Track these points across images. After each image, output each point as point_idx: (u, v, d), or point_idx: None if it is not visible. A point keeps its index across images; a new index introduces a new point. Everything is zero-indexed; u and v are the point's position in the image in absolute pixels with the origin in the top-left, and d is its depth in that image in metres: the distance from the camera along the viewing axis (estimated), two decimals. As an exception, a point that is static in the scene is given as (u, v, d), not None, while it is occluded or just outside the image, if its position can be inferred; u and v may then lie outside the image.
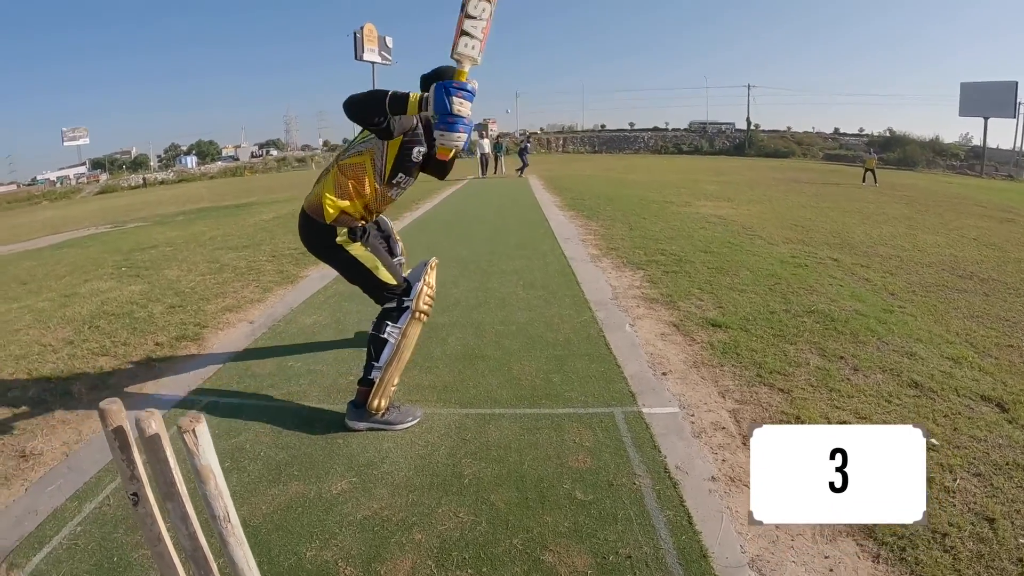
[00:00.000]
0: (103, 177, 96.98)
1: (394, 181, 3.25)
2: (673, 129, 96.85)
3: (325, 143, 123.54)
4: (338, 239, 3.25)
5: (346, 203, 3.18)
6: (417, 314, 3.27)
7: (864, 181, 25.59)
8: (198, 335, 5.02)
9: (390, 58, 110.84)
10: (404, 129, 3.07)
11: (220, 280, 7.10)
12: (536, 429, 3.18)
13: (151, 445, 1.40)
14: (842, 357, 4.12)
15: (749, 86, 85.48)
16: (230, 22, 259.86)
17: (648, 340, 4.49)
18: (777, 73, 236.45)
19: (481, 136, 27.02)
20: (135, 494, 1.47)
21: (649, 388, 3.67)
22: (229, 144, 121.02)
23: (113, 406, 1.42)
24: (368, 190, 3.18)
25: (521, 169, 27.34)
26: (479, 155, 29.49)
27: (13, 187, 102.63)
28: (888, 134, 74.11)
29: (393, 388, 3.29)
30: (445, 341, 4.49)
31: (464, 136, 2.70)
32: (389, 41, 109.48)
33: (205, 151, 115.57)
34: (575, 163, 45.30)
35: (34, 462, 3.29)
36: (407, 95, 2.73)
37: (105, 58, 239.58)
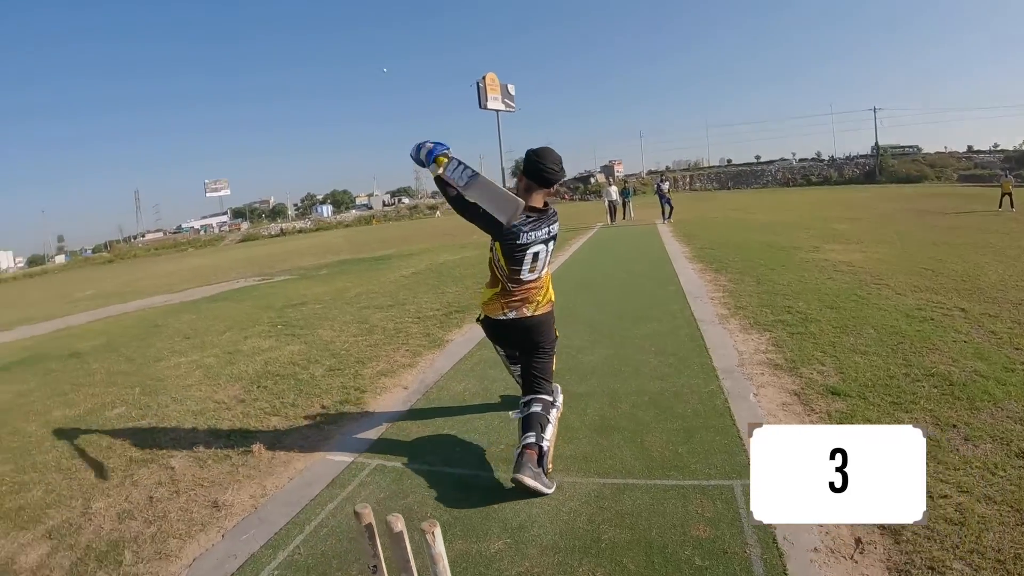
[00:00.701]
0: (244, 226, 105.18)
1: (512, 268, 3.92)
2: (800, 159, 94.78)
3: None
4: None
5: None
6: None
7: (1000, 207, 23.78)
8: (359, 399, 5.62)
9: (513, 105, 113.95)
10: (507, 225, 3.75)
11: (372, 342, 7.80)
12: (664, 499, 3.45)
13: (396, 538, 1.90)
14: (955, 425, 4.03)
15: (875, 109, 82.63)
16: (356, 75, 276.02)
17: (770, 411, 4.63)
18: (902, 91, 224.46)
19: (608, 182, 26.88)
20: (375, 567, 1.95)
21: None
22: (362, 192, 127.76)
23: (365, 510, 1.93)
24: None
25: (669, 214, 26.24)
26: (607, 202, 29.55)
27: (160, 234, 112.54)
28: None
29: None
30: (584, 411, 4.83)
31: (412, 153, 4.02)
32: (511, 89, 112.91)
33: (339, 200, 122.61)
34: (702, 203, 44.93)
35: (226, 512, 3.87)
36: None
37: (241, 109, 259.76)
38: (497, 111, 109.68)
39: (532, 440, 3.68)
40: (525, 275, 3.94)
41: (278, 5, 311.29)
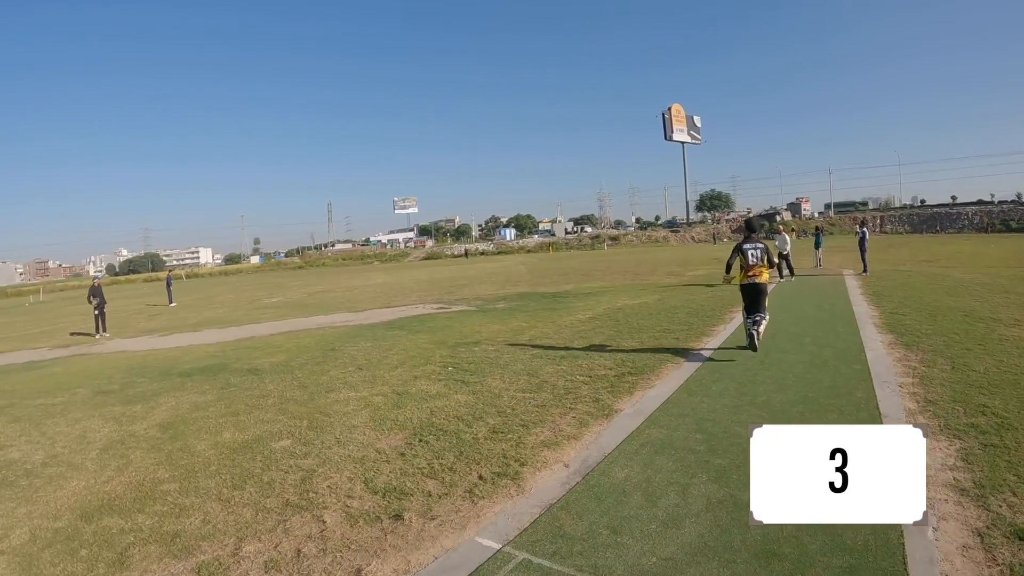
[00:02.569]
0: (429, 243, 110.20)
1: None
2: (1000, 201, 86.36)
3: (637, 220, 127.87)
4: None
5: None
6: None
7: None
8: (518, 473, 5.60)
9: (699, 137, 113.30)
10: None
11: (539, 402, 7.83)
12: None
13: None
14: None
15: None
16: (542, 102, 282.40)
17: (947, 554, 4.02)
18: None
19: (778, 230, 23.82)
20: None
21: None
22: (545, 218, 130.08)
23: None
24: None
25: (789, 272, 23.21)
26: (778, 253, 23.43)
27: (349, 245, 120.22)
28: None
29: None
30: (747, 528, 4.37)
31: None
32: (697, 120, 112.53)
33: (523, 224, 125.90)
34: (892, 250, 41.51)
35: (367, 585, 3.96)
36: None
37: (430, 126, 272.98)
38: (683, 143, 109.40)
39: (758, 328, 9.97)
40: (751, 261, 10.30)
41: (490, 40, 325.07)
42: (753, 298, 10.36)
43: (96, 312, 19.97)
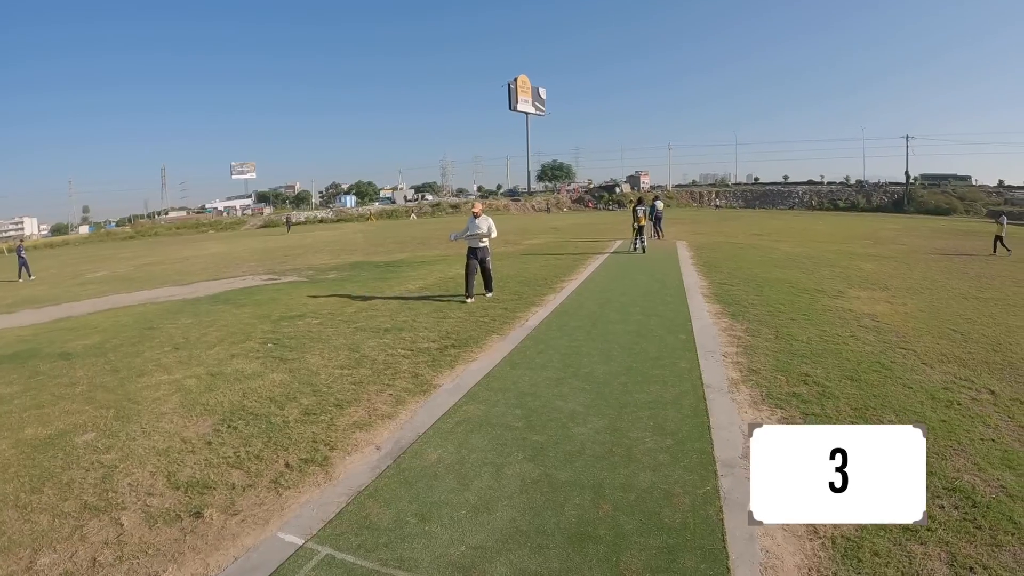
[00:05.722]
0: (267, 210, 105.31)
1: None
2: (829, 182, 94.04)
3: (479, 188, 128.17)
4: None
5: None
6: None
7: (1005, 251, 22.77)
8: (326, 459, 5.32)
9: (543, 109, 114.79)
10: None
11: (357, 378, 7.54)
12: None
13: None
14: (971, 569, 3.62)
15: (907, 137, 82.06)
16: (391, 61, 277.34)
17: (767, 529, 4.15)
18: (935, 120, 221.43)
19: (640, 202, 25.22)
20: None
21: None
22: (387, 186, 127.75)
23: None
24: None
25: (653, 236, 27.02)
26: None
27: (183, 213, 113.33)
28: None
29: None
30: (562, 509, 4.42)
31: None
32: (543, 92, 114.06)
33: (364, 191, 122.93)
34: (727, 223, 44.27)
35: (163, 593, 3.63)
36: None
37: (274, 89, 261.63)
38: (527, 114, 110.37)
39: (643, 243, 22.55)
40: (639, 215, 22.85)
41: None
42: (639, 231, 22.54)
43: None
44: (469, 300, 12.39)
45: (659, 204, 30.32)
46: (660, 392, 6.87)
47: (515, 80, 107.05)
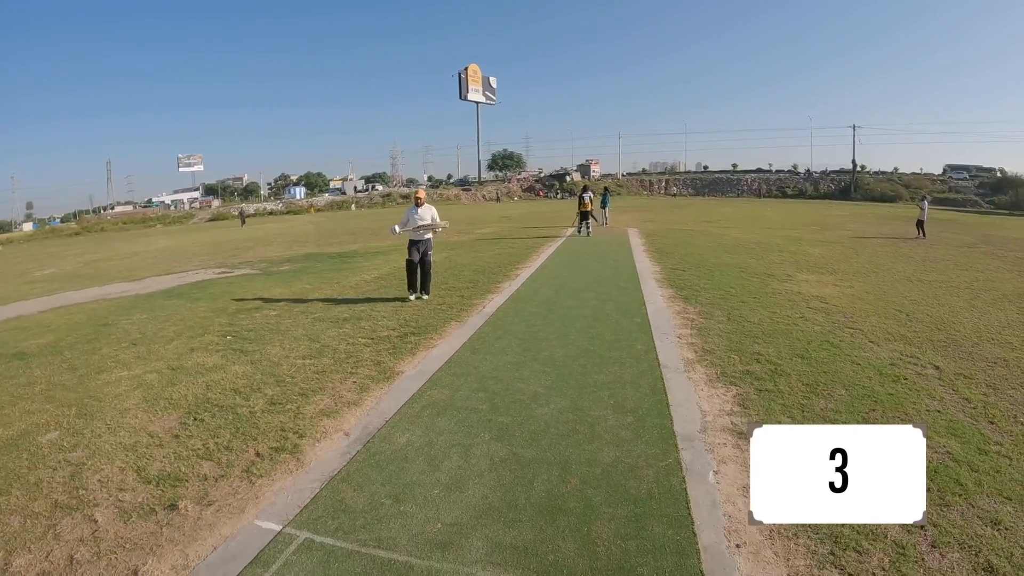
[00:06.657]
0: (215, 203, 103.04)
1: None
2: (777, 170, 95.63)
3: (430, 178, 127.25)
4: None
5: None
6: None
7: (921, 235, 23.76)
8: (296, 447, 5.36)
9: (494, 98, 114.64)
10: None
11: (320, 368, 7.57)
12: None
13: None
14: (923, 527, 3.87)
15: (854, 126, 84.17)
16: (341, 54, 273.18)
17: (729, 496, 4.37)
18: (880, 108, 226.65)
19: (585, 189, 25.99)
20: None
21: (720, 566, 3.61)
22: (337, 177, 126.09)
23: None
24: None
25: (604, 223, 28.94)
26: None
27: (129, 207, 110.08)
28: (1000, 174, 70.57)
29: None
30: (532, 484, 4.57)
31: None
32: (493, 81, 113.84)
33: (313, 183, 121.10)
34: (677, 211, 44.99)
35: (146, 585, 3.65)
36: None
37: (222, 82, 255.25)
38: (477, 103, 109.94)
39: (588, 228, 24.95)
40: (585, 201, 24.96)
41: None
42: (584, 216, 24.66)
43: None
44: (412, 297, 11.81)
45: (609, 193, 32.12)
46: (619, 373, 7.05)
47: (465, 69, 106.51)
